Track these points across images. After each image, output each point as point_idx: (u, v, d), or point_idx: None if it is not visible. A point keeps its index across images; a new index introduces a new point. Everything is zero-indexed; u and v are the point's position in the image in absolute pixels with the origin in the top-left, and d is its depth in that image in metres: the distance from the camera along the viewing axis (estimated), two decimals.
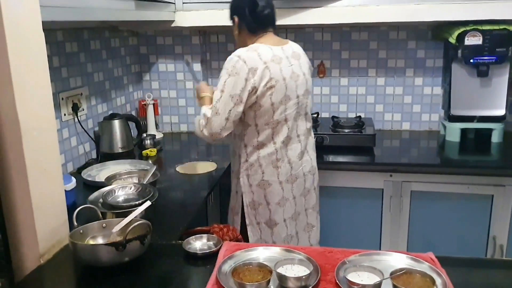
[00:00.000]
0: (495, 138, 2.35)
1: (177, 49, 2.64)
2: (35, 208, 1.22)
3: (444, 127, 2.49)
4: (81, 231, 1.25)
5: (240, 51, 1.62)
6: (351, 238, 2.24)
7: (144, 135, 2.39)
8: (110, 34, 2.36)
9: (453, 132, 2.39)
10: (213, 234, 1.56)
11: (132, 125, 2.33)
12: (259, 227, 1.77)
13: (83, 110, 2.12)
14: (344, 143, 2.30)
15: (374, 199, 2.19)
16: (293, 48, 1.72)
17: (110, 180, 1.75)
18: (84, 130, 2.10)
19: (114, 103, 2.43)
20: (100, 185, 1.77)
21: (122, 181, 1.78)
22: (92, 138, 2.18)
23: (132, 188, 1.52)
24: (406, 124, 2.67)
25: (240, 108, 1.58)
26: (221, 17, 2.31)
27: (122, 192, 1.51)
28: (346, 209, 2.24)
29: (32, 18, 1.18)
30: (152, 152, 2.28)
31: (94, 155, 2.22)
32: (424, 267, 1.07)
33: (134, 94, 2.66)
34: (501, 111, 2.32)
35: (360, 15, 2.22)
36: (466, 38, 2.21)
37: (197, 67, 2.66)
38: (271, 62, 1.60)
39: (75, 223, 1.29)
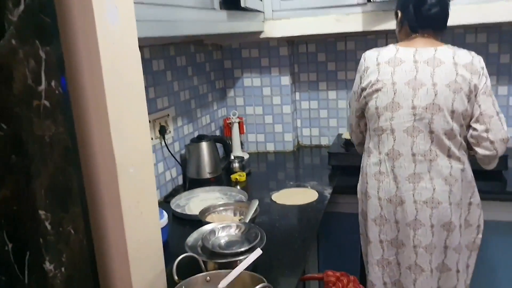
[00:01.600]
0: None
1: (264, 62, 2.43)
2: (131, 258, 1.02)
3: None
4: (183, 287, 1.05)
5: (369, 50, 1.58)
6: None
7: (232, 157, 2.18)
8: (195, 48, 2.19)
9: None
10: (329, 284, 1.29)
11: (219, 146, 2.14)
12: (362, 240, 1.64)
13: (170, 132, 1.95)
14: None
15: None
16: (438, 53, 1.46)
17: (204, 214, 1.54)
18: (172, 154, 1.93)
19: (200, 123, 2.25)
20: (193, 219, 1.58)
21: (217, 215, 1.57)
22: (179, 163, 2.01)
23: (235, 228, 1.30)
24: None
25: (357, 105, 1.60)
26: (314, 25, 2.09)
27: (223, 233, 1.28)
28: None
29: (129, 35, 0.99)
30: (242, 176, 2.06)
31: (180, 181, 2.04)
32: None
33: (218, 112, 2.48)
34: None
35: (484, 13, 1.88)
36: None
37: (285, 80, 2.42)
38: (384, 63, 1.47)
39: (176, 277, 1.08)
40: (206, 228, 1.31)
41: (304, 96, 2.54)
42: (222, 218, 1.55)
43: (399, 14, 1.56)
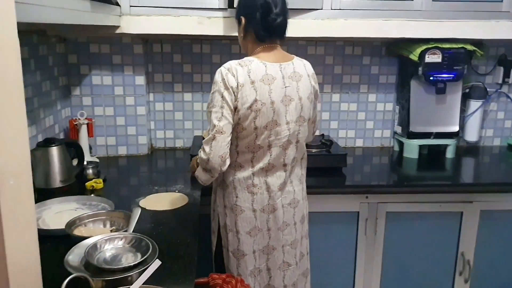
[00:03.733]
0: (449, 153, 2.42)
1: (116, 59, 2.26)
2: (11, 275, 0.84)
3: (400, 143, 2.50)
4: None
5: (231, 64, 1.43)
6: (325, 264, 2.10)
7: (85, 163, 1.97)
8: (39, 39, 1.91)
9: (412, 149, 2.41)
10: (216, 286, 1.29)
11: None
12: (228, 254, 1.59)
13: None
14: (311, 165, 2.15)
15: (349, 223, 2.08)
16: (295, 67, 1.51)
17: (71, 227, 1.36)
18: None
19: (43, 125, 1.97)
20: (53, 235, 1.39)
21: (85, 227, 1.41)
22: None
23: (122, 240, 1.18)
24: (360, 140, 2.63)
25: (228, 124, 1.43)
26: (175, 25, 2.06)
27: (108, 246, 1.16)
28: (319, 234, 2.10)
29: (7, 20, 0.81)
30: (99, 183, 1.88)
31: None
32: None
33: (62, 112, 2.21)
34: (455, 127, 2.40)
35: (328, 29, 2.11)
36: (426, 56, 2.23)
37: (139, 80, 2.30)
38: (260, 81, 1.42)
39: None
40: (87, 242, 1.16)
41: (158, 97, 2.45)
42: (91, 231, 1.39)
43: (243, 21, 1.51)
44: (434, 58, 2.24)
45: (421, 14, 2.17)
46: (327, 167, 2.16)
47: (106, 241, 1.16)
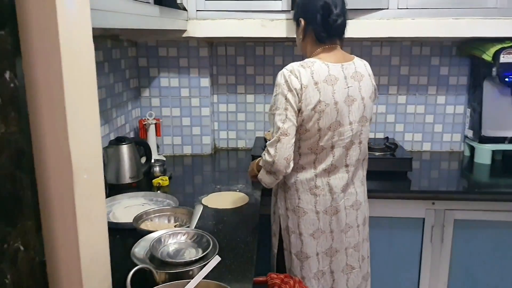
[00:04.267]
0: None
1: (182, 62, 2.35)
2: (84, 277, 0.90)
3: (471, 148, 2.37)
4: None
5: (293, 66, 1.44)
6: (387, 269, 2.04)
7: (152, 161, 2.07)
8: (112, 44, 2.04)
9: (484, 154, 2.28)
10: (274, 286, 1.30)
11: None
12: (290, 257, 1.58)
13: None
14: (375, 168, 2.10)
15: (414, 230, 2.01)
16: (356, 66, 1.50)
17: (138, 221, 1.44)
18: None
19: (115, 124, 2.09)
20: (121, 228, 1.47)
21: (151, 222, 1.48)
22: None
23: (183, 235, 1.23)
24: (427, 144, 2.53)
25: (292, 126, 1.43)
26: (240, 28, 2.10)
27: (171, 240, 1.21)
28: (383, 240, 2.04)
29: (84, 23, 0.88)
30: (164, 181, 1.96)
31: None
32: None
33: (132, 113, 2.33)
34: None
35: (394, 29, 2.06)
36: (501, 56, 2.10)
37: (204, 82, 2.38)
38: (323, 82, 1.42)
39: None
40: (152, 236, 1.22)
41: (222, 98, 2.52)
42: (157, 225, 1.46)
43: (302, 23, 1.51)
44: (509, 58, 2.10)
45: (496, 12, 2.05)
46: (391, 171, 2.10)
47: (170, 236, 1.21)
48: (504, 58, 2.11)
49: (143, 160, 2.07)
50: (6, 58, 0.71)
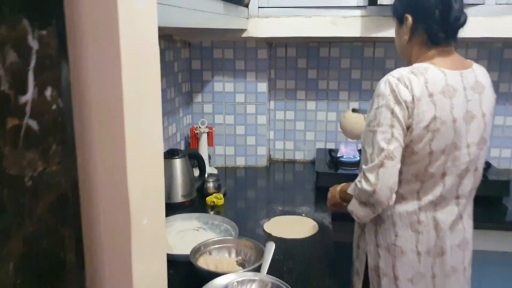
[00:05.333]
0: None
1: (239, 65, 2.13)
2: None
3: None
4: None
5: (401, 72, 1.15)
6: None
7: (206, 175, 1.85)
8: (165, 45, 1.84)
9: None
10: None
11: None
12: None
13: None
14: None
15: (510, 266, 1.70)
16: (477, 75, 1.22)
17: (195, 255, 1.22)
18: None
19: (166, 133, 1.90)
20: (177, 260, 1.25)
21: (210, 256, 1.25)
22: None
23: (257, 284, 0.99)
24: None
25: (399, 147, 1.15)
26: (307, 26, 1.85)
27: None
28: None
29: (150, 22, 0.66)
30: (220, 199, 1.74)
31: None
32: None
33: (183, 120, 2.13)
34: None
35: (490, 29, 1.75)
36: None
37: (262, 87, 2.15)
38: (439, 94, 1.14)
39: None
40: (219, 282, 0.99)
41: (279, 105, 2.28)
42: (217, 261, 1.23)
43: (409, 20, 1.22)
44: None
45: None
46: (481, 195, 1.79)
47: (238, 284, 0.98)
48: None
49: (196, 171, 1.85)
50: (48, 69, 0.50)
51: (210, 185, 1.82)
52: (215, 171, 2.11)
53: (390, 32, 1.79)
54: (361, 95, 2.21)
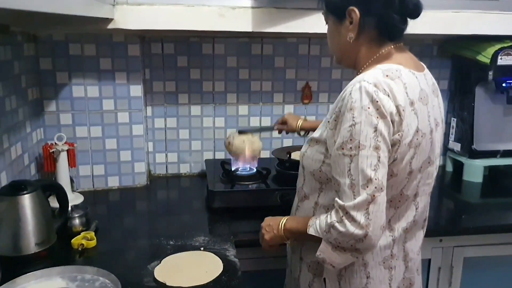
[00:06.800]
0: None
1: (104, 64, 1.71)
2: None
3: (455, 163, 2.06)
4: None
5: (376, 77, 0.90)
6: None
7: (69, 208, 1.42)
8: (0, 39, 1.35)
9: (475, 171, 1.97)
10: None
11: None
12: None
13: None
14: None
15: None
16: (432, 77, 1.06)
17: None
18: None
19: (7, 157, 1.41)
20: None
21: None
22: None
23: None
24: None
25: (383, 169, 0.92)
26: (188, 17, 1.55)
27: None
28: None
29: None
30: (90, 239, 1.34)
31: None
32: None
33: (32, 136, 1.64)
34: None
35: None
36: (499, 57, 1.80)
37: (136, 90, 1.76)
38: (418, 101, 0.94)
39: None
40: None
41: (158, 111, 1.92)
42: None
43: (356, 13, 0.97)
44: (508, 60, 1.81)
45: (497, 5, 1.73)
46: None
47: None
48: (501, 61, 1.80)
49: (53, 201, 1.40)
50: None
51: (76, 222, 1.40)
52: (81, 199, 1.68)
53: (285, 27, 1.59)
54: (251, 97, 1.97)
